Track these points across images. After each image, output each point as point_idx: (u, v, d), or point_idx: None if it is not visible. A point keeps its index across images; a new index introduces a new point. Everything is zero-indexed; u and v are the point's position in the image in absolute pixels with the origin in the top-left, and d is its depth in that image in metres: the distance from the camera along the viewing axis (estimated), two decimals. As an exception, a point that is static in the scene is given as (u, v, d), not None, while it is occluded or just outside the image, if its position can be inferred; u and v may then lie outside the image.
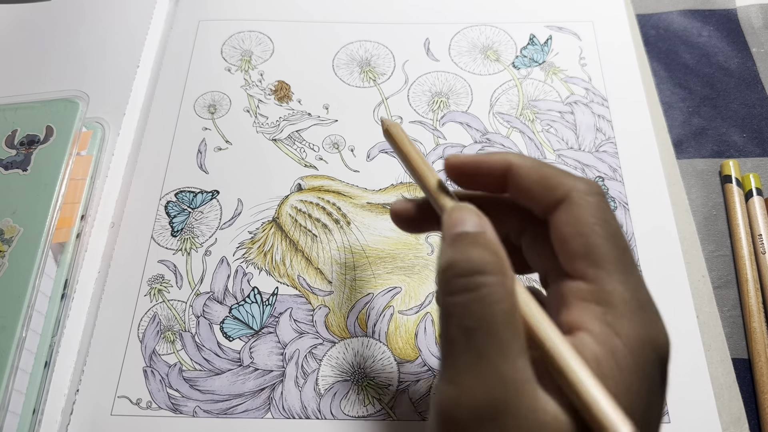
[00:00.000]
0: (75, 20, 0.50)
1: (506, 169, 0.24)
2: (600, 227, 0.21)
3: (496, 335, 0.19)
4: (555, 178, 0.22)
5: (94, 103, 0.44)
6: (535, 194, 0.23)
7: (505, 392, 0.19)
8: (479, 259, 0.20)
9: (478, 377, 0.19)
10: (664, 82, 0.47)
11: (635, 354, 0.19)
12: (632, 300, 0.20)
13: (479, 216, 0.22)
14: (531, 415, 0.18)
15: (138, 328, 0.37)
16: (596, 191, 0.22)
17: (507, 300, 0.20)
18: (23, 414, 0.33)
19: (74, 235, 0.39)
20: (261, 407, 0.35)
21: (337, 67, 0.47)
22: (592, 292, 0.21)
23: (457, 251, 0.21)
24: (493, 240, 0.22)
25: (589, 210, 0.21)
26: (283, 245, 0.40)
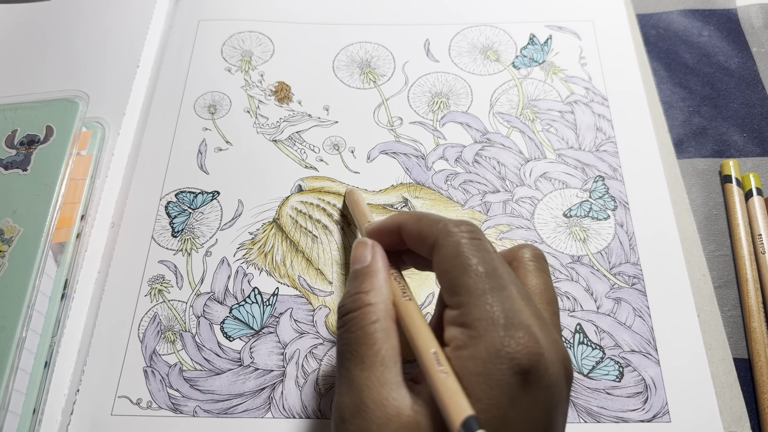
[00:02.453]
0: (75, 20, 0.50)
1: (398, 228, 0.29)
2: (459, 262, 0.25)
3: (356, 353, 0.26)
4: (427, 229, 0.27)
5: (94, 103, 0.44)
6: (417, 246, 0.28)
7: (361, 393, 0.24)
8: (349, 302, 0.27)
9: (345, 386, 0.25)
10: (665, 82, 0.47)
11: (485, 364, 0.23)
12: (484, 320, 0.24)
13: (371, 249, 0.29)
14: (378, 411, 0.24)
15: (138, 328, 0.37)
16: (461, 230, 0.26)
17: (369, 325, 0.26)
18: (23, 414, 0.33)
19: (74, 235, 0.39)
20: (261, 407, 0.35)
21: (337, 69, 0.47)
22: (456, 317, 0.25)
23: (344, 294, 0.28)
24: (375, 269, 0.28)
25: (450, 249, 0.26)
26: (284, 246, 0.40)
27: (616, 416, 0.34)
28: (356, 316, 0.27)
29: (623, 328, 0.37)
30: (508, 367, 0.22)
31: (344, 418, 0.25)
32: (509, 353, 0.22)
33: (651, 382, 0.35)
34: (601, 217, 0.40)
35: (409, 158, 0.43)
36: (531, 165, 0.42)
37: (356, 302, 0.27)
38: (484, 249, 0.26)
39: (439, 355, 0.24)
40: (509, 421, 0.22)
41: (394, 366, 0.25)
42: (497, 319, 0.23)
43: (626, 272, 0.38)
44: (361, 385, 0.25)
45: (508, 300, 0.24)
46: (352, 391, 0.25)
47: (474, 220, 0.40)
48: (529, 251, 0.29)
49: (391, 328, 0.26)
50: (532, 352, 0.23)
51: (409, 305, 0.27)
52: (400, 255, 0.31)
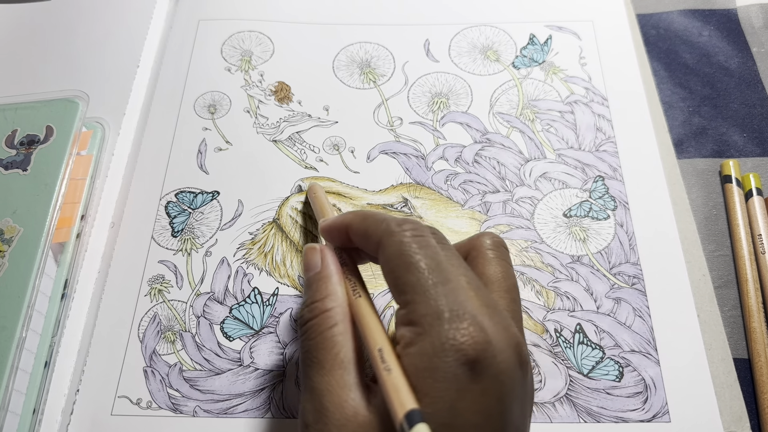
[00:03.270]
0: (75, 20, 0.50)
1: (346, 228, 0.29)
2: (402, 261, 0.25)
3: (314, 359, 0.26)
4: (372, 228, 0.28)
5: (94, 103, 0.44)
6: (364, 247, 0.29)
7: (322, 400, 0.25)
8: (306, 312, 0.28)
9: (308, 392, 0.26)
10: (665, 82, 0.47)
11: (431, 358, 0.23)
12: (429, 315, 0.24)
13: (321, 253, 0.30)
14: (338, 413, 0.24)
15: (138, 328, 0.37)
16: (403, 228, 0.26)
17: (325, 330, 0.27)
18: (23, 414, 0.33)
19: (74, 235, 0.39)
20: (261, 407, 0.35)
21: (337, 69, 0.47)
22: (403, 315, 0.25)
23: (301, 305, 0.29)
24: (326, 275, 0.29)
25: (393, 249, 0.26)
26: (284, 246, 0.40)
27: (616, 416, 0.34)
28: (314, 323, 0.27)
29: (623, 328, 0.37)
30: (453, 359, 0.22)
31: (307, 424, 0.25)
32: (454, 345, 0.23)
33: (651, 382, 0.35)
34: (601, 217, 0.40)
35: (409, 158, 0.43)
36: (531, 165, 0.42)
37: (313, 311, 0.28)
38: (427, 245, 0.26)
39: (384, 352, 0.25)
40: (458, 413, 0.22)
41: (353, 368, 0.26)
42: (442, 312, 0.23)
43: (626, 272, 0.38)
44: (321, 390, 0.25)
45: (453, 292, 0.24)
46: (313, 396, 0.25)
47: (474, 220, 0.40)
48: (489, 239, 0.29)
49: (349, 330, 0.27)
50: (478, 342, 0.23)
51: (360, 303, 0.28)
52: (357, 250, 0.31)
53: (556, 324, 0.37)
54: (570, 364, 0.36)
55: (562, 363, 0.36)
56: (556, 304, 0.37)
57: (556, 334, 0.36)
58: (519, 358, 0.24)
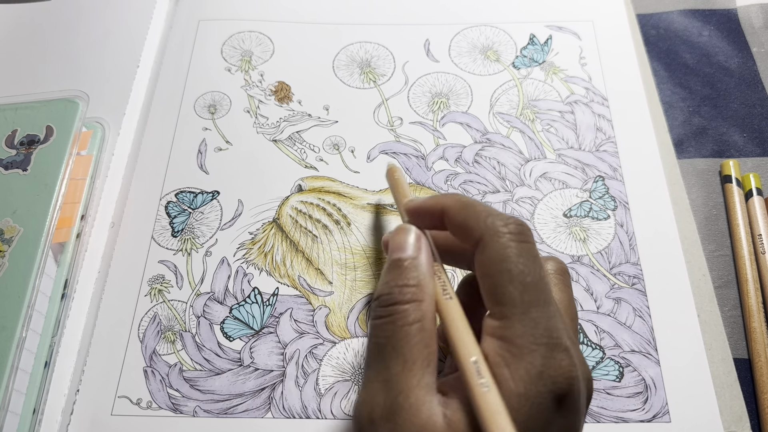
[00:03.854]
0: (75, 20, 0.50)
1: (441, 212, 0.27)
2: (505, 268, 0.24)
3: (398, 350, 0.24)
4: (473, 220, 0.25)
5: (94, 103, 0.44)
6: (459, 236, 0.26)
7: (398, 396, 0.23)
8: (397, 292, 0.25)
9: (380, 383, 0.23)
10: (665, 82, 0.47)
11: (525, 385, 0.22)
12: (527, 336, 0.23)
13: (418, 239, 0.27)
14: (414, 417, 0.22)
15: (138, 328, 0.37)
16: (510, 230, 0.25)
17: (415, 323, 0.24)
18: (23, 414, 0.33)
19: (74, 235, 0.39)
20: (261, 407, 0.35)
21: (337, 68, 0.47)
22: (496, 328, 0.23)
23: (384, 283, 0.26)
24: (421, 263, 0.26)
25: (497, 252, 0.24)
26: (284, 246, 0.40)
27: (616, 416, 0.34)
28: (405, 309, 0.24)
29: (623, 328, 0.37)
30: (548, 390, 0.22)
31: (373, 420, 0.23)
32: (552, 376, 0.22)
33: (651, 382, 0.35)
34: (601, 217, 0.40)
35: (409, 158, 0.43)
36: (531, 165, 0.42)
37: (405, 295, 0.25)
38: (533, 255, 0.24)
39: (480, 365, 0.23)
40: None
41: (433, 371, 0.24)
42: (540, 337, 0.22)
43: (626, 272, 0.38)
44: (400, 386, 0.23)
45: (552, 318, 0.23)
46: (388, 390, 0.23)
47: (474, 220, 0.40)
48: (554, 264, 0.28)
49: (434, 330, 0.25)
50: (571, 376, 0.22)
51: (450, 305, 0.25)
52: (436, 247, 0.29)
53: (556, 324, 0.37)
54: (570, 364, 0.36)
55: (562, 363, 0.36)
56: (556, 304, 0.37)
57: (556, 334, 0.36)
58: (589, 392, 0.24)
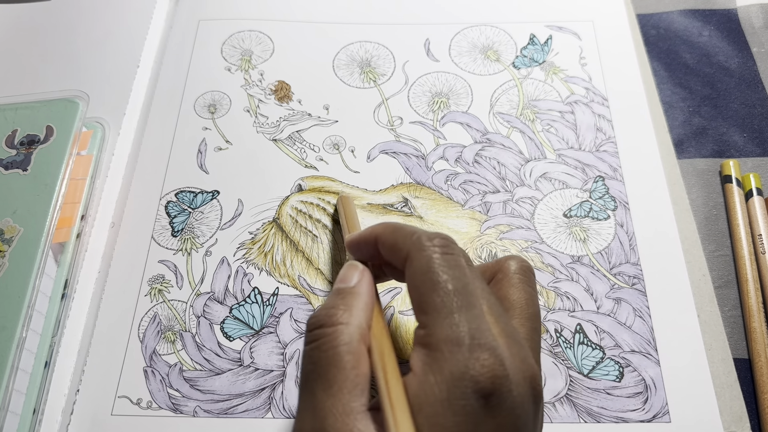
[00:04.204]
0: (75, 20, 0.50)
1: (375, 240, 0.28)
2: (428, 278, 0.24)
3: (324, 375, 0.24)
4: (401, 240, 0.26)
5: (94, 103, 0.44)
6: (392, 258, 0.27)
7: (324, 421, 0.23)
8: (324, 315, 0.26)
9: (308, 410, 0.24)
10: (665, 82, 0.47)
11: (448, 389, 0.22)
12: (451, 340, 0.23)
13: (360, 272, 0.28)
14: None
15: (138, 328, 0.37)
16: (433, 243, 0.25)
17: (341, 346, 0.24)
18: (23, 414, 0.33)
19: (74, 235, 0.39)
20: (261, 407, 0.35)
21: (337, 68, 0.47)
22: (422, 337, 0.24)
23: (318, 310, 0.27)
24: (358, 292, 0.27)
25: (420, 264, 0.25)
26: (284, 246, 0.40)
27: (616, 416, 0.34)
28: (329, 333, 0.25)
29: (623, 328, 0.37)
30: (472, 390, 0.22)
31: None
32: (473, 376, 0.22)
33: (651, 382, 0.35)
34: (601, 217, 0.40)
35: (409, 158, 0.43)
36: (531, 165, 0.42)
37: (331, 317, 0.26)
38: (456, 264, 0.25)
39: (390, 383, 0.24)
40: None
41: (362, 394, 0.24)
42: (462, 339, 0.23)
43: (626, 272, 0.38)
44: (325, 412, 0.23)
45: (476, 319, 0.23)
46: (315, 417, 0.23)
47: (474, 220, 0.40)
48: (516, 263, 0.29)
49: (364, 353, 0.25)
50: (496, 375, 0.22)
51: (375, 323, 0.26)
52: (380, 267, 0.30)
53: (556, 324, 0.37)
54: (570, 364, 0.36)
55: (562, 363, 0.36)
56: (556, 305, 0.37)
57: (556, 334, 0.36)
58: (533, 391, 0.24)
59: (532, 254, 0.39)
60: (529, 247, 0.39)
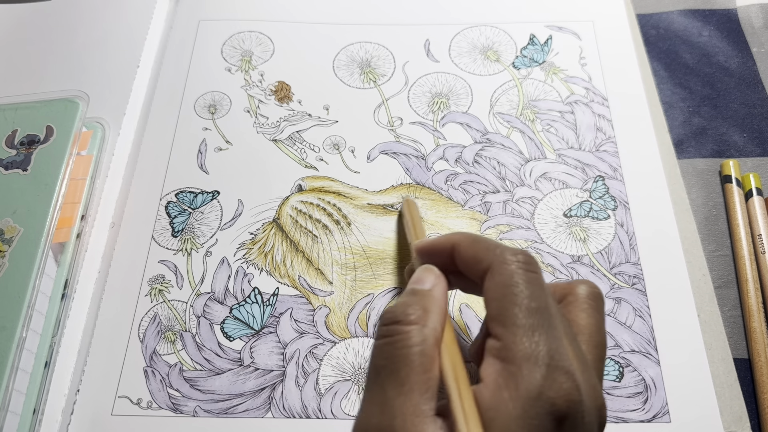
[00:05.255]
0: (75, 20, 0.50)
1: (451, 249, 0.28)
2: (510, 292, 0.24)
3: (396, 373, 0.24)
4: (482, 252, 0.27)
5: (94, 103, 0.44)
6: (469, 269, 0.27)
7: (393, 420, 0.23)
8: (400, 312, 0.25)
9: (376, 406, 0.23)
10: (665, 82, 0.47)
11: (523, 407, 0.22)
12: (530, 358, 0.23)
13: (435, 276, 0.28)
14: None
15: (138, 328, 0.37)
16: (517, 259, 0.25)
17: (416, 345, 0.24)
18: (23, 414, 0.33)
19: (74, 235, 0.39)
20: (261, 407, 0.35)
21: (337, 68, 0.47)
22: (497, 349, 0.24)
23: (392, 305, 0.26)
24: (434, 296, 0.27)
25: (504, 278, 0.25)
26: (284, 246, 0.40)
27: (616, 416, 0.34)
28: (406, 331, 0.25)
29: (623, 328, 0.37)
30: (547, 411, 0.22)
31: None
32: (550, 397, 0.22)
33: (651, 382, 0.35)
34: (601, 217, 0.40)
35: (409, 158, 0.43)
36: (531, 165, 0.43)
37: (408, 316, 0.25)
38: (538, 283, 0.25)
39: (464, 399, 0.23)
40: None
41: (432, 398, 0.24)
42: (541, 359, 0.22)
43: (626, 272, 0.38)
44: (395, 411, 0.23)
45: (555, 340, 0.23)
46: (383, 413, 0.23)
47: (474, 220, 0.40)
48: (586, 288, 0.28)
49: (437, 358, 0.25)
50: (572, 399, 0.22)
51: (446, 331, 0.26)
52: (447, 275, 0.29)
53: (556, 324, 0.37)
54: (570, 364, 0.35)
55: (562, 363, 0.36)
56: (556, 304, 0.37)
57: (556, 334, 0.36)
58: (600, 419, 0.24)
59: (532, 254, 0.39)
60: (529, 247, 0.39)
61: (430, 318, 0.26)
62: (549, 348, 0.23)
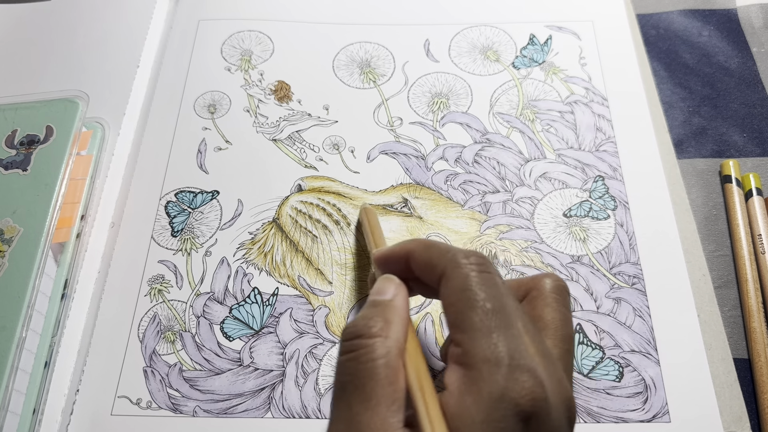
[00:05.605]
0: (75, 20, 0.50)
1: (406, 256, 0.28)
2: (465, 296, 0.24)
3: (362, 388, 0.23)
4: (436, 257, 0.26)
5: (94, 103, 0.44)
6: (425, 275, 0.27)
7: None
8: (362, 325, 0.25)
9: (343, 423, 0.23)
10: (665, 82, 0.47)
11: (487, 410, 0.21)
12: (489, 360, 0.22)
13: (396, 286, 0.28)
14: None
15: (138, 328, 0.37)
16: (470, 261, 0.25)
17: (380, 358, 0.24)
18: (23, 414, 0.33)
19: (74, 235, 0.39)
20: (261, 407, 0.35)
21: (337, 68, 0.47)
22: (459, 355, 0.23)
23: (353, 319, 0.26)
24: (395, 306, 0.26)
25: (458, 282, 0.25)
26: (284, 246, 0.40)
27: (616, 416, 0.34)
28: (368, 345, 0.24)
29: (623, 328, 0.37)
30: (512, 413, 0.21)
31: None
32: (513, 398, 0.21)
33: (651, 382, 0.35)
34: (601, 217, 0.40)
35: (409, 158, 0.43)
36: (531, 165, 0.42)
37: (370, 329, 0.25)
38: (493, 283, 0.25)
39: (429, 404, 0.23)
40: None
41: (399, 410, 0.23)
42: (501, 359, 0.22)
43: (626, 272, 0.38)
44: (362, 426, 0.23)
45: (514, 339, 0.23)
46: (350, 430, 0.23)
47: (474, 220, 0.40)
48: (551, 282, 0.28)
49: (401, 368, 0.24)
50: (536, 397, 0.22)
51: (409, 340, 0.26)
52: (407, 282, 0.29)
53: (556, 324, 0.37)
54: (570, 364, 0.36)
55: (562, 363, 0.36)
56: (556, 304, 0.37)
57: (556, 334, 0.36)
58: (569, 413, 0.23)
59: (532, 254, 0.39)
60: (528, 247, 0.39)
61: (392, 329, 0.25)
62: (508, 348, 0.23)
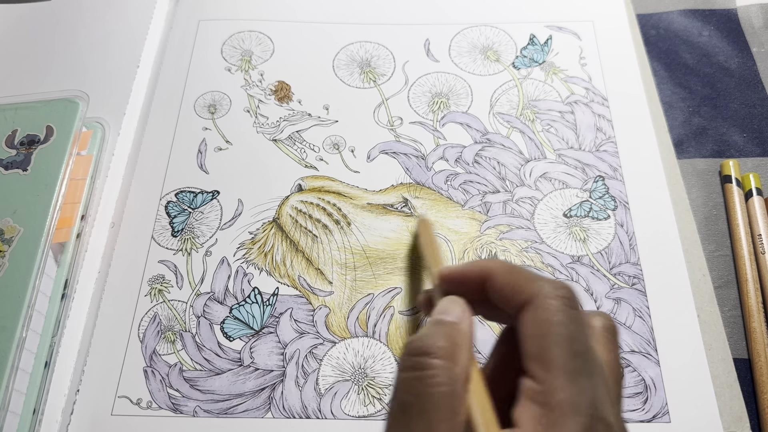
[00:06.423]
0: (75, 20, 0.50)
1: (485, 276, 0.26)
2: (554, 332, 0.23)
3: (426, 414, 0.22)
4: (522, 282, 0.25)
5: (94, 103, 0.44)
6: (504, 298, 0.25)
7: None
8: (431, 343, 0.23)
9: None
10: (665, 82, 0.47)
11: None
12: (571, 406, 0.21)
13: (463, 309, 0.26)
14: None
15: (138, 328, 0.37)
16: (561, 294, 0.24)
17: (447, 385, 0.22)
18: (23, 414, 0.33)
19: (74, 235, 0.39)
20: (261, 407, 0.35)
21: (337, 68, 0.47)
22: (536, 393, 0.22)
23: (418, 334, 0.24)
24: (463, 331, 0.25)
25: (546, 314, 0.23)
26: (284, 246, 0.40)
27: (616, 416, 0.34)
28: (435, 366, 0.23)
29: (623, 328, 0.37)
30: None
31: None
32: None
33: (651, 382, 0.35)
34: (601, 217, 0.40)
35: (409, 158, 0.43)
36: (531, 165, 0.43)
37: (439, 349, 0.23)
38: (581, 323, 0.23)
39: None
40: None
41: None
42: (584, 408, 0.21)
43: (626, 272, 0.38)
44: None
45: (596, 388, 0.22)
46: None
47: (474, 220, 0.40)
48: (602, 321, 0.27)
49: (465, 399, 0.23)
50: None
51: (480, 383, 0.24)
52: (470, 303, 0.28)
53: (556, 324, 0.37)
54: (570, 364, 0.35)
55: (562, 363, 0.36)
56: (556, 304, 0.37)
57: (556, 334, 0.36)
58: None
59: (532, 254, 0.39)
60: (528, 247, 0.39)
61: (460, 354, 0.24)
62: (592, 397, 0.22)
